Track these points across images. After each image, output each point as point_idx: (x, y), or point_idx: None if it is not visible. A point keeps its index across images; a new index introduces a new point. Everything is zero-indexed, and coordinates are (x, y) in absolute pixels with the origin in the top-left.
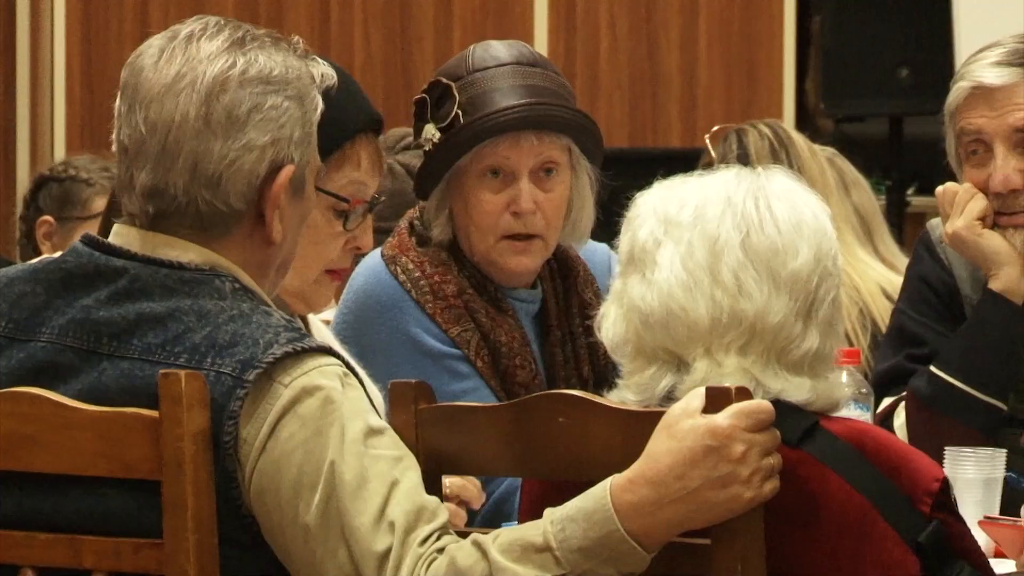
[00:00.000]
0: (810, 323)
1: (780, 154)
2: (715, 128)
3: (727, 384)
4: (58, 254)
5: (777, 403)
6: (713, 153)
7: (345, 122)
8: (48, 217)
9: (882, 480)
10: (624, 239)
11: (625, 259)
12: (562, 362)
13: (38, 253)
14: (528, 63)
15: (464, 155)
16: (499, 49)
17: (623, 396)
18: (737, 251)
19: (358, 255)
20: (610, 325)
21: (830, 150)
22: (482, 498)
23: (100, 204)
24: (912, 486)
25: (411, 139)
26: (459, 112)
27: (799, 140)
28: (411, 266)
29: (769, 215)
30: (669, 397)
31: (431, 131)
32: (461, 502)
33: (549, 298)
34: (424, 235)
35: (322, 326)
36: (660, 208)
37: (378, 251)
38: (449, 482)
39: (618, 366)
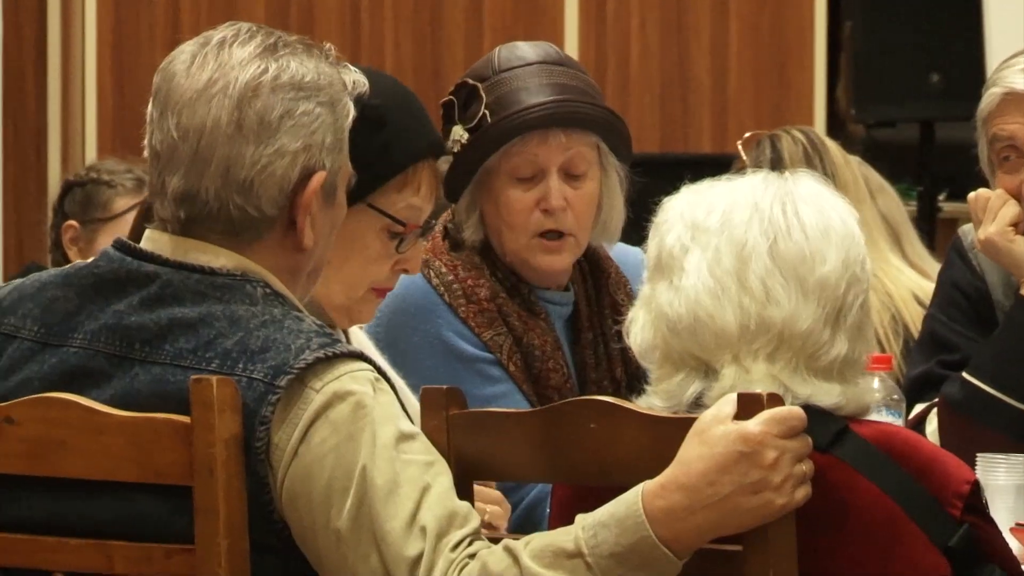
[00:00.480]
0: (839, 329)
1: (814, 160)
2: (747, 134)
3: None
4: (91, 260)
5: (807, 408)
6: (746, 159)
7: (410, 146)
8: (72, 222)
9: (911, 483)
10: (652, 244)
11: (653, 265)
12: (594, 364)
13: (67, 260)
14: (554, 62)
15: (492, 154)
16: (525, 49)
17: (651, 402)
18: (764, 258)
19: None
20: (638, 331)
21: (855, 158)
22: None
23: (122, 204)
24: (941, 489)
25: None
26: (486, 112)
27: (832, 147)
28: (444, 270)
29: (796, 221)
30: (697, 404)
31: (459, 133)
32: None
33: (581, 300)
34: (457, 239)
35: (359, 333)
36: (687, 213)
37: None
38: (489, 511)
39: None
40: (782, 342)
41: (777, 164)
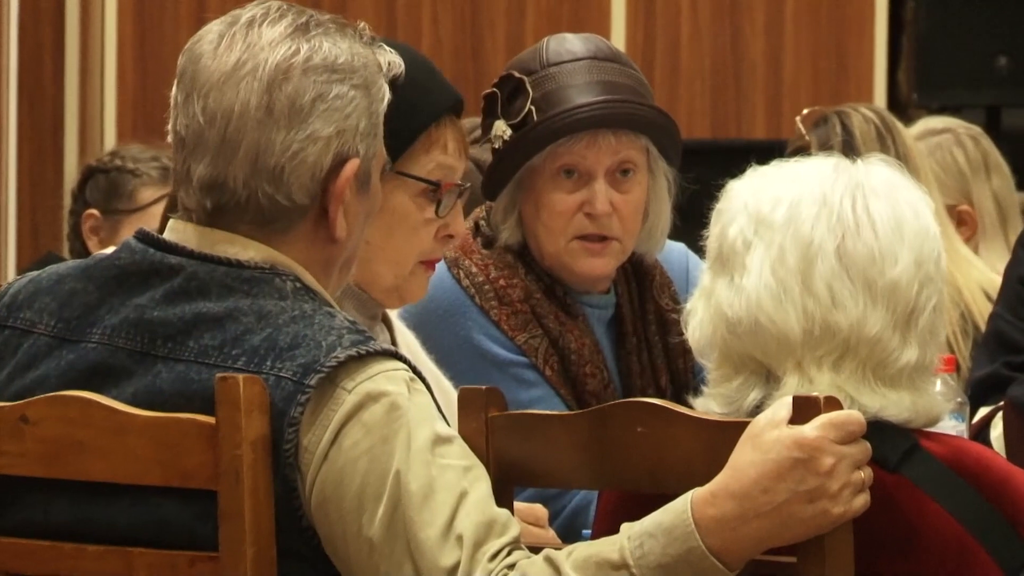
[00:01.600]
0: (909, 334)
1: (886, 140)
2: (806, 110)
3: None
4: (110, 250)
5: (874, 423)
6: (808, 136)
7: (429, 105)
8: (94, 210)
9: (983, 506)
10: (713, 232)
11: (713, 256)
12: (639, 371)
13: (86, 249)
14: (605, 58)
15: (537, 154)
16: (574, 43)
17: (708, 405)
18: (831, 259)
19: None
20: (696, 325)
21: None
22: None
23: (148, 196)
24: (1015, 511)
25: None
26: (532, 108)
27: (902, 127)
28: (475, 270)
29: (866, 217)
30: (757, 412)
31: (502, 128)
32: None
33: (624, 303)
34: (490, 236)
35: (406, 331)
36: (752, 204)
37: None
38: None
39: (698, 372)
40: (848, 349)
41: (849, 143)
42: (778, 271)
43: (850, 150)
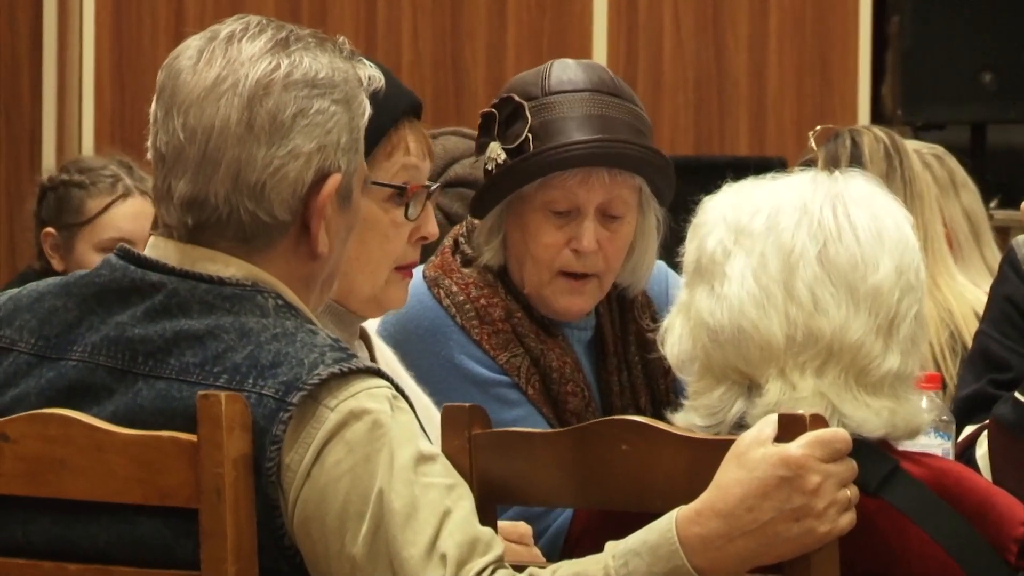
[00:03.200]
0: (891, 341)
1: (894, 161)
2: (819, 127)
3: (801, 410)
4: (92, 268)
5: (855, 441)
6: (818, 151)
7: (386, 109)
8: (50, 229)
9: (965, 529)
10: (690, 247)
11: (692, 268)
12: (619, 391)
13: (52, 268)
14: (607, 91)
15: (529, 184)
16: (577, 72)
17: (689, 419)
18: (813, 264)
19: (426, 246)
20: (675, 340)
21: (939, 148)
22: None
23: (95, 206)
24: (997, 534)
25: (451, 175)
26: (529, 136)
27: (913, 153)
28: (455, 289)
29: (847, 224)
30: (740, 424)
31: (496, 151)
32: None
33: (605, 323)
34: (469, 256)
35: (386, 349)
36: (730, 215)
37: (420, 271)
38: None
39: (679, 392)
40: (831, 355)
41: (857, 159)
42: (760, 278)
43: (857, 165)
